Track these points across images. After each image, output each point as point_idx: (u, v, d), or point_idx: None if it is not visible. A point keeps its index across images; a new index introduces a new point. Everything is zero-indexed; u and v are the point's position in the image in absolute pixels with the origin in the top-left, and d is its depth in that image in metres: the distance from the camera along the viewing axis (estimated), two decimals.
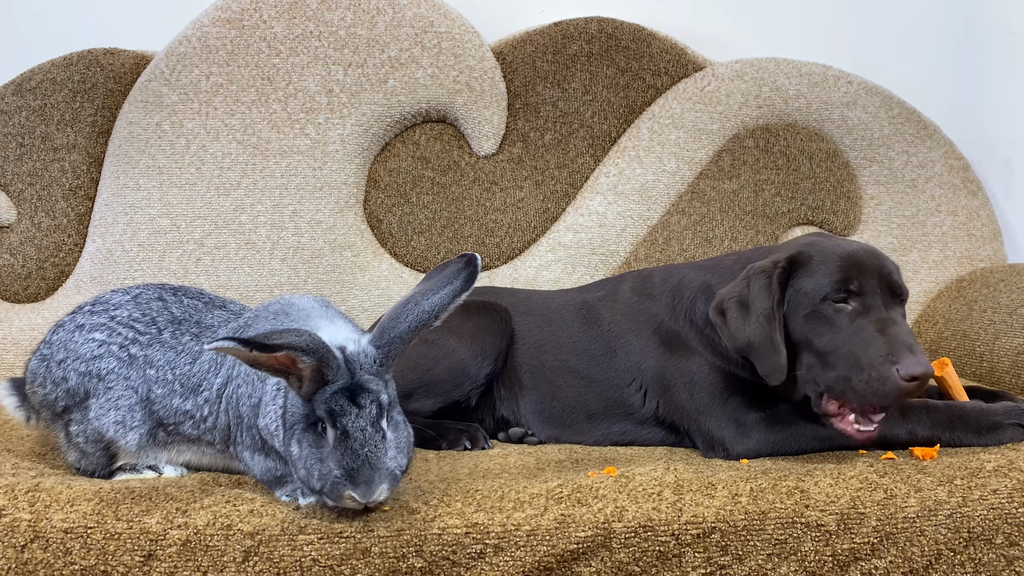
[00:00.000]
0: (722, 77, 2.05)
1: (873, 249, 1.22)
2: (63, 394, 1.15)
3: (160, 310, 1.17)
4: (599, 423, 1.41)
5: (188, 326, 1.16)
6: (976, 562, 1.04)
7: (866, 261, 1.18)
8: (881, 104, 2.06)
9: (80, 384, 1.14)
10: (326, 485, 0.96)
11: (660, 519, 1.02)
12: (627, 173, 2.03)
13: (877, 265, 1.19)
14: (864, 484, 1.06)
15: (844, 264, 1.18)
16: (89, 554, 0.98)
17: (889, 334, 1.11)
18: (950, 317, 1.90)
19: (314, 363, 0.95)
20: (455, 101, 2.01)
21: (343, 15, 1.99)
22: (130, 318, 1.16)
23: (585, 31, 2.05)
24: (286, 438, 1.00)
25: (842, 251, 1.20)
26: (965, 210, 2.07)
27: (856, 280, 1.16)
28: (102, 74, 1.99)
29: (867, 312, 1.15)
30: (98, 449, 1.15)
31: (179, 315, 1.17)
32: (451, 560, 1.00)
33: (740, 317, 1.20)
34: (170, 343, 1.14)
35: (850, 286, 1.16)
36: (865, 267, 1.17)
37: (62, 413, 1.16)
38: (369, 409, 0.97)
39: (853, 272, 1.17)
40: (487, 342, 1.48)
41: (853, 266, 1.18)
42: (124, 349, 1.14)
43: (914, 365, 1.08)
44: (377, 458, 0.96)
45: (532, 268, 2.00)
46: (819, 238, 1.26)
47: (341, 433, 0.96)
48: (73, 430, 1.15)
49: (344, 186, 1.99)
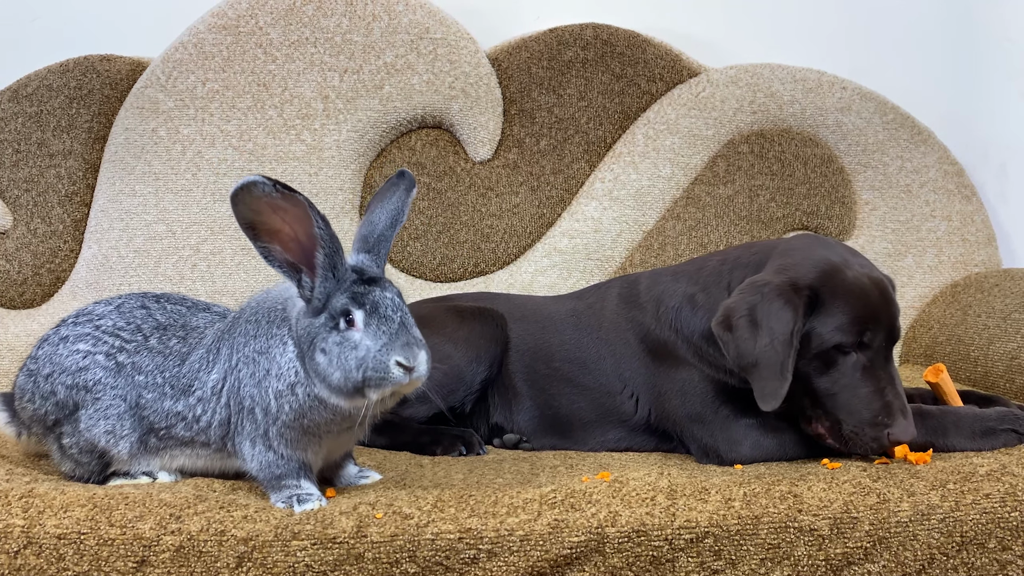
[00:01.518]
0: (717, 83, 2.06)
1: (886, 289, 1.21)
2: (52, 408, 1.15)
3: (144, 317, 1.17)
4: (593, 431, 1.41)
5: (174, 330, 1.16)
6: (969, 566, 1.04)
7: (881, 311, 1.18)
8: (875, 109, 2.07)
9: (68, 397, 1.14)
10: (367, 362, 0.96)
11: (653, 524, 1.02)
12: (622, 179, 2.03)
13: (889, 315, 1.19)
14: (857, 488, 1.07)
15: (863, 314, 1.17)
16: (83, 560, 0.98)
17: (886, 395, 1.16)
18: (945, 322, 1.91)
19: (328, 240, 0.97)
20: (451, 107, 2.02)
21: (339, 21, 2.00)
22: (115, 327, 1.16)
23: (580, 37, 2.06)
24: (309, 358, 1.00)
25: (863, 294, 1.18)
26: (960, 215, 2.08)
27: (870, 332, 1.17)
28: (98, 80, 2.00)
29: (871, 366, 1.17)
30: (92, 459, 1.15)
31: (164, 321, 1.17)
32: (444, 565, 1.00)
33: (751, 336, 1.17)
34: (157, 348, 1.14)
35: (863, 338, 1.17)
36: (880, 318, 1.18)
37: (53, 427, 1.16)
38: (391, 290, 1.01)
39: (869, 323, 1.17)
40: (482, 348, 1.48)
41: (870, 316, 1.17)
42: (111, 358, 1.14)
43: (903, 432, 1.14)
44: (412, 324, 0.98)
45: (528, 273, 2.00)
46: (831, 255, 1.22)
47: (370, 308, 0.98)
48: (66, 443, 1.15)
49: (340, 192, 1.99)
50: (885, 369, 1.18)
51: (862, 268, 1.22)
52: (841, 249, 1.25)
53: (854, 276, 1.20)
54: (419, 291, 1.98)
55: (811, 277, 1.19)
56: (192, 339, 1.15)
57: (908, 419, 1.14)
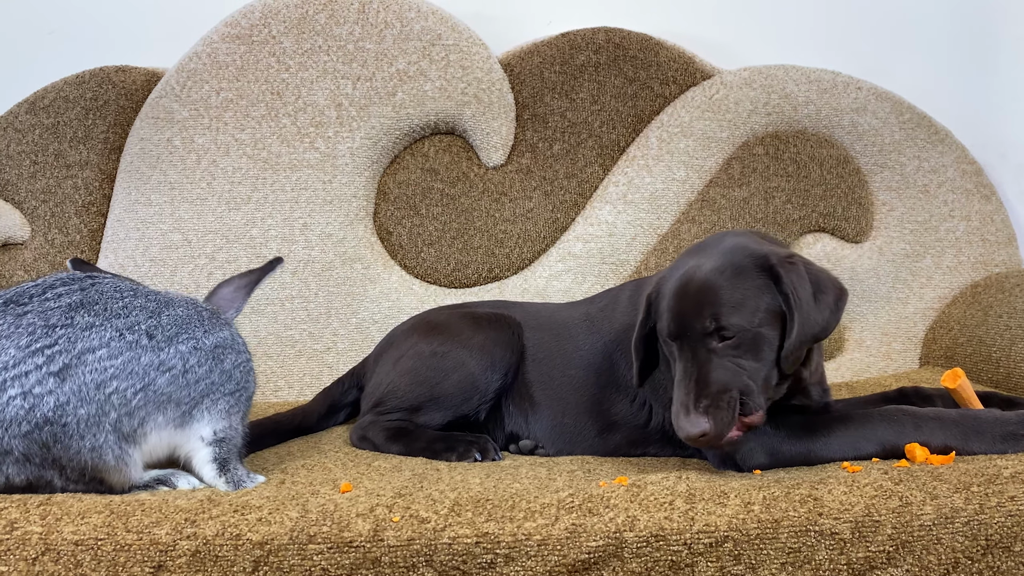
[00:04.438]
0: (731, 85, 2.05)
1: (678, 287, 1.20)
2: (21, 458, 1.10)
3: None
4: (608, 439, 1.39)
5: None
6: (995, 570, 1.02)
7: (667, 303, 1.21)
8: (891, 109, 2.05)
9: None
10: None
11: (672, 528, 1.01)
12: (636, 182, 2.02)
13: (676, 309, 1.19)
14: (879, 492, 1.05)
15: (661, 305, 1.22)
16: (100, 566, 0.98)
17: (682, 388, 1.15)
18: (965, 323, 1.88)
19: None
20: (463, 113, 2.02)
21: (351, 29, 2.01)
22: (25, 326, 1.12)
23: (592, 41, 2.06)
24: None
25: (665, 289, 1.22)
26: (979, 215, 2.05)
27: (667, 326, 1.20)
28: (114, 91, 2.01)
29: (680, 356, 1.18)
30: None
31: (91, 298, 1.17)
32: (461, 570, 0.99)
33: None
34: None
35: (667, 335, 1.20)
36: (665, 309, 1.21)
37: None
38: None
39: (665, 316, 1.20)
40: (497, 355, 1.47)
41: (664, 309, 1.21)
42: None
43: (687, 427, 1.13)
44: None
45: (542, 278, 1.99)
46: (685, 258, 1.25)
47: None
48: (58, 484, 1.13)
49: (354, 199, 2.00)
50: (689, 363, 1.17)
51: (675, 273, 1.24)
52: (711, 250, 1.24)
53: (668, 273, 1.25)
54: (433, 297, 1.97)
55: (651, 288, 1.27)
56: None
57: (692, 416, 1.12)
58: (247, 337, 1.91)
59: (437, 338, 1.49)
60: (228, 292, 1.32)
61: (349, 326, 1.96)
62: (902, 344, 2.01)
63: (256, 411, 1.68)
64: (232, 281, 1.34)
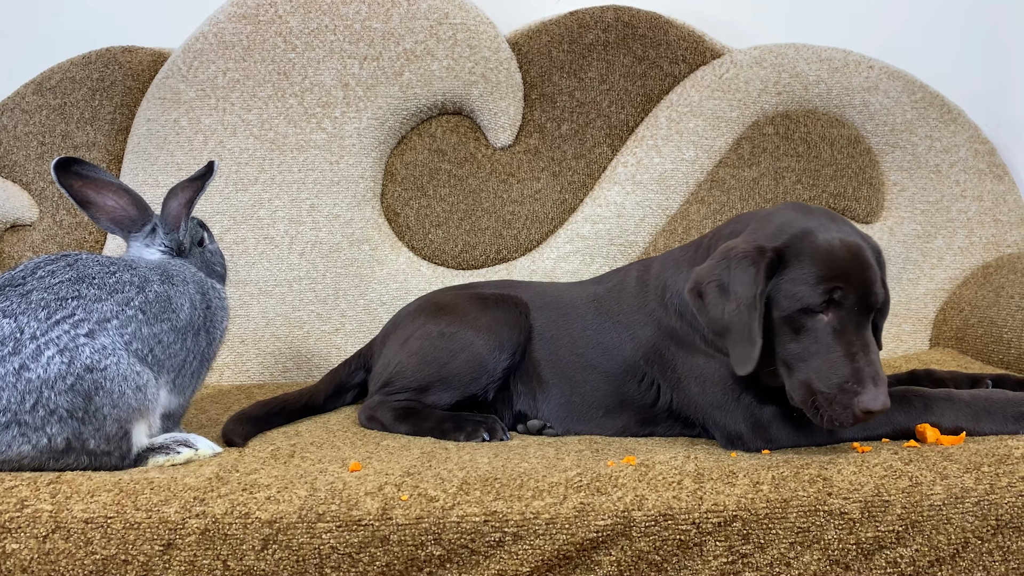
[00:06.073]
0: (741, 64, 2.02)
1: (860, 252, 1.17)
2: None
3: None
4: (617, 418, 1.39)
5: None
6: (1004, 550, 1.01)
7: (851, 272, 1.14)
8: (903, 88, 2.03)
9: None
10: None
11: (680, 507, 1.01)
12: (645, 162, 2.01)
13: (861, 278, 1.14)
14: (888, 471, 1.05)
15: (829, 273, 1.13)
16: (110, 544, 0.99)
17: (857, 361, 1.11)
18: (976, 304, 1.87)
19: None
20: (471, 93, 2.01)
21: (358, 8, 1.99)
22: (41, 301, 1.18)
23: (601, 20, 2.04)
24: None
25: (830, 255, 1.15)
26: (991, 195, 2.03)
27: (840, 292, 1.13)
28: (120, 72, 2.01)
29: (843, 330, 1.13)
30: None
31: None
32: (470, 548, 0.99)
33: (720, 301, 1.17)
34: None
35: (833, 295, 1.13)
36: (850, 278, 1.14)
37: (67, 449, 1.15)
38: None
39: (837, 283, 1.13)
40: (504, 335, 1.47)
41: (838, 276, 1.13)
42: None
43: (872, 400, 1.08)
44: None
45: (550, 259, 1.98)
46: (807, 221, 1.19)
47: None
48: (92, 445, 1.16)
49: (361, 180, 1.99)
50: (859, 334, 1.13)
51: (838, 232, 1.18)
52: (823, 216, 1.21)
53: (824, 238, 1.16)
54: (441, 278, 1.97)
55: (777, 240, 1.17)
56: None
57: (880, 387, 1.09)
58: (256, 318, 1.93)
59: (444, 319, 1.49)
60: (175, 206, 1.39)
61: (357, 307, 1.96)
62: (912, 325, 2.00)
63: (264, 392, 1.69)
64: (177, 194, 1.39)
